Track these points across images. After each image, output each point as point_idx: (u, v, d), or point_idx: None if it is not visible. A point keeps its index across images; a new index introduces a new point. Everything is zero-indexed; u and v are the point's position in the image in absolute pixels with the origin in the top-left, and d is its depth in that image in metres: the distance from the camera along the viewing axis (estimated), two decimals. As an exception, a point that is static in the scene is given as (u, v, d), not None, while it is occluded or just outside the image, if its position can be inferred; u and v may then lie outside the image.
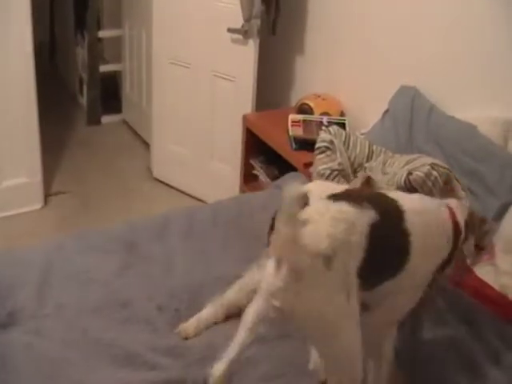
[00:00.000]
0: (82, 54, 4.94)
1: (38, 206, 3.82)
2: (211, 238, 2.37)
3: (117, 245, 2.26)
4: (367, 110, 3.30)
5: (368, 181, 2.06)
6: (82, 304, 1.95)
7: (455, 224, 1.70)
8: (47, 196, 3.91)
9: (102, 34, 4.86)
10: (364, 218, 1.44)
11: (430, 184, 2.29)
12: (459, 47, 2.81)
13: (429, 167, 2.30)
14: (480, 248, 1.83)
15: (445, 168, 2.40)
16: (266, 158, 3.53)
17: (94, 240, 2.29)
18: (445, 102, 2.87)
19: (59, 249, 2.22)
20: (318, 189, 1.56)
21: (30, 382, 1.69)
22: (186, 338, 1.89)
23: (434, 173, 2.33)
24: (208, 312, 1.95)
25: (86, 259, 2.16)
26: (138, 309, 1.96)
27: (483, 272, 2.28)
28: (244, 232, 2.41)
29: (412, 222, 1.56)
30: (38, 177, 3.79)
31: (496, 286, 2.19)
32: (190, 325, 1.92)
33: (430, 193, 2.29)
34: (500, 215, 2.44)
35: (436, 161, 2.42)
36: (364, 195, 1.61)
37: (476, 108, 2.76)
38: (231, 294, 1.98)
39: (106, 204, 3.94)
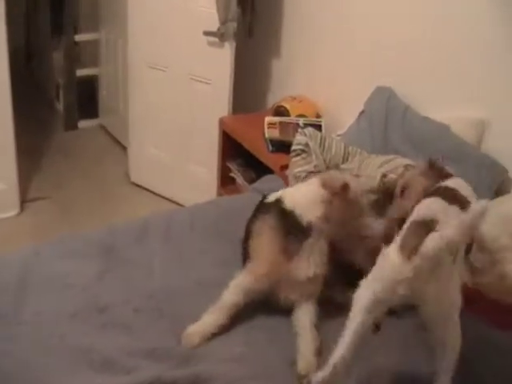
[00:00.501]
0: (58, 58, 4.90)
1: (13, 212, 3.79)
2: (189, 241, 2.37)
3: (95, 249, 2.25)
4: (343, 111, 3.32)
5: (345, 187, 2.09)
6: (59, 310, 1.94)
7: None
8: (23, 202, 3.87)
9: (78, 37, 4.84)
10: None
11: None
12: (433, 48, 2.84)
13: (403, 169, 2.33)
14: None
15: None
16: (243, 160, 3.53)
17: (71, 245, 2.28)
18: (420, 102, 2.89)
19: (36, 254, 2.21)
20: None
21: (7, 389, 1.68)
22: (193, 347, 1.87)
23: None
24: (210, 317, 1.93)
25: (63, 264, 2.15)
26: (115, 313, 1.95)
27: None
28: (222, 236, 2.41)
29: None
30: (13, 183, 3.76)
31: (470, 285, 2.21)
32: (194, 332, 1.90)
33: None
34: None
35: (411, 162, 2.44)
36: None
37: (450, 108, 2.78)
38: (228, 296, 1.97)
39: (84, 210, 3.92)
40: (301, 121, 3.30)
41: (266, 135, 3.24)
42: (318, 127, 3.19)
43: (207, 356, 1.81)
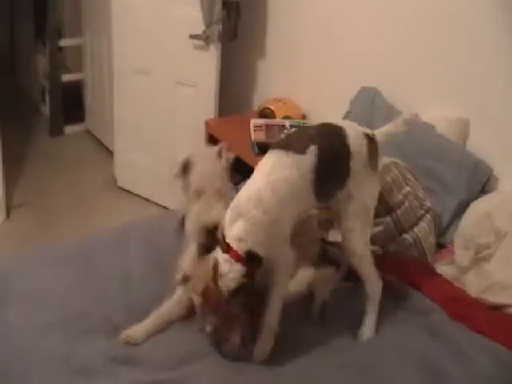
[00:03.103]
0: (43, 63, 4.87)
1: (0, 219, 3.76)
2: (173, 246, 2.34)
3: (74, 258, 2.23)
4: (329, 111, 3.31)
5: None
6: (37, 319, 1.91)
7: None
8: (9, 209, 3.85)
9: (62, 42, 4.81)
10: None
11: (389, 179, 2.31)
12: (418, 49, 2.84)
13: (388, 163, 2.33)
14: None
15: (404, 167, 2.43)
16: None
17: (51, 254, 2.26)
18: (405, 102, 2.89)
19: (16, 265, 2.19)
20: None
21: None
22: (133, 344, 1.90)
23: (394, 170, 2.36)
24: (150, 321, 1.97)
25: (42, 274, 2.13)
26: (94, 321, 1.94)
27: (444, 270, 2.31)
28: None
29: None
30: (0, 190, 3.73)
31: (457, 283, 2.21)
32: (134, 331, 1.94)
33: (389, 189, 2.31)
34: (458, 212, 2.47)
35: (395, 159, 2.45)
36: None
37: (435, 108, 2.78)
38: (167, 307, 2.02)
39: (71, 216, 3.88)
40: (287, 122, 3.29)
41: (252, 138, 3.22)
42: (304, 128, 3.18)
43: (188, 360, 1.79)
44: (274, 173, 1.81)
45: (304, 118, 3.46)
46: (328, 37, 3.33)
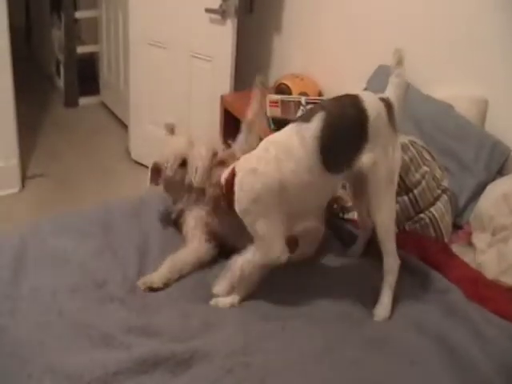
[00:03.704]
0: (58, 35, 4.87)
1: (15, 189, 3.79)
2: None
3: (92, 226, 2.25)
4: (345, 89, 3.26)
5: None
6: (57, 286, 1.94)
7: None
8: (25, 179, 3.87)
9: (78, 14, 4.80)
10: None
11: (406, 158, 2.30)
12: (437, 26, 2.81)
13: (406, 142, 2.32)
14: None
15: (422, 146, 2.42)
16: (245, 138, 3.50)
17: (69, 222, 2.28)
18: (422, 80, 2.86)
19: (34, 231, 2.21)
20: None
21: (5, 364, 1.68)
22: (153, 289, 2.00)
23: (412, 149, 2.35)
24: (165, 267, 2.07)
25: (61, 241, 2.14)
26: (113, 289, 1.96)
27: (461, 251, 2.30)
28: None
29: None
30: (14, 160, 3.76)
31: (473, 265, 2.21)
32: (151, 277, 2.03)
33: (407, 168, 2.30)
34: (476, 193, 2.46)
35: (413, 138, 2.43)
36: None
37: (453, 87, 2.76)
38: (182, 255, 2.11)
39: (85, 186, 3.91)
40: (303, 99, 3.27)
41: (268, 114, 3.21)
42: (320, 105, 3.17)
43: (206, 330, 1.81)
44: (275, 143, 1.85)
45: (320, 94, 3.43)
46: (346, 13, 3.30)
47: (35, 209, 3.63)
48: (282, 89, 3.42)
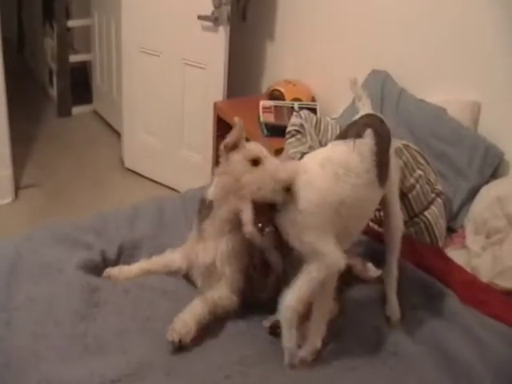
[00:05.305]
0: (51, 44, 4.87)
1: (8, 199, 3.78)
2: (181, 227, 2.34)
3: (86, 235, 2.23)
4: (338, 94, 3.30)
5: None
6: (52, 296, 1.92)
7: None
8: (18, 189, 3.86)
9: (71, 23, 4.80)
10: None
11: (401, 163, 2.30)
12: (429, 31, 2.82)
13: (400, 146, 2.32)
14: None
15: (415, 150, 2.42)
16: (238, 145, 3.50)
17: (63, 231, 2.26)
18: (415, 85, 2.88)
19: (28, 241, 2.18)
20: None
21: (1, 376, 1.66)
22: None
23: (406, 153, 2.35)
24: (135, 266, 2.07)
25: (55, 251, 2.13)
26: (107, 294, 1.95)
27: (456, 255, 2.30)
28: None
29: None
30: (8, 170, 3.75)
31: (468, 269, 2.21)
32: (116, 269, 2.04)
33: (401, 173, 2.30)
34: (469, 197, 2.46)
35: (407, 142, 2.43)
36: None
37: (446, 91, 2.77)
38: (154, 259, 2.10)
39: (78, 196, 3.90)
40: (296, 104, 3.28)
41: (261, 119, 3.22)
42: (313, 111, 3.16)
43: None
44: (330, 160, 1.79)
45: (313, 100, 3.44)
46: (338, 19, 3.31)
47: (28, 219, 3.62)
48: (275, 95, 3.43)
